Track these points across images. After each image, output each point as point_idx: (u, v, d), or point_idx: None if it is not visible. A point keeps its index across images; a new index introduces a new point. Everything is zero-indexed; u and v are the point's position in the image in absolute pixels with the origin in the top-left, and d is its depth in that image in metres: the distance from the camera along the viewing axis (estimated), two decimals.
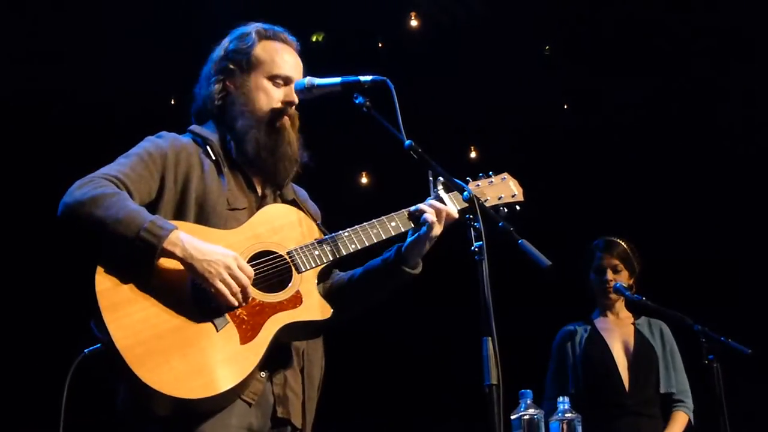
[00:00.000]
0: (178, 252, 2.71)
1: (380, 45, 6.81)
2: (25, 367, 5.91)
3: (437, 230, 3.04)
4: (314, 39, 6.63)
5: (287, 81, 3.10)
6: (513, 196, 3.27)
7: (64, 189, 2.80)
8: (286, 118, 3.07)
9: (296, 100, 3.09)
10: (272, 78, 3.09)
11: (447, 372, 6.67)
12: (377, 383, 7.06)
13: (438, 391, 6.91)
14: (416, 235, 3.05)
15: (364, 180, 7.53)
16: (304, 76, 3.14)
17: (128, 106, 6.07)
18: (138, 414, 2.73)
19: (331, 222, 3.14)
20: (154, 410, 2.66)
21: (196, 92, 3.22)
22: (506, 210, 3.24)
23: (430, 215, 3.02)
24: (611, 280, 5.09)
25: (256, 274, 2.84)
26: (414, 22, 6.74)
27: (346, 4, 6.25)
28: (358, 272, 3.17)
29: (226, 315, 2.76)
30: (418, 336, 7.00)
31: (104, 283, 2.69)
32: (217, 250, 2.75)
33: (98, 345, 2.72)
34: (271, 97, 3.07)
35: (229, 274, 2.73)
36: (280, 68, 3.09)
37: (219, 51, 3.18)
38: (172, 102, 6.51)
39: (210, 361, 2.69)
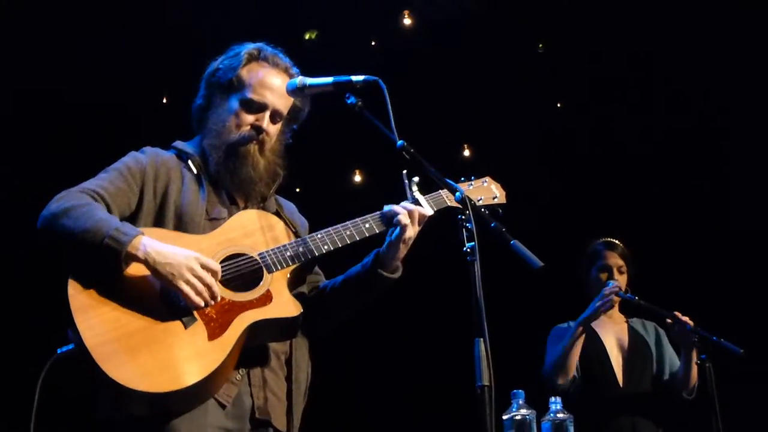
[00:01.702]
0: (140, 256, 2.78)
1: (373, 43, 6.80)
2: None
3: (410, 232, 3.05)
4: (307, 37, 6.63)
5: (261, 108, 3.12)
6: (494, 198, 3.33)
7: (53, 187, 2.90)
8: (252, 143, 3.10)
9: (265, 126, 3.11)
10: (246, 102, 3.12)
11: (438, 373, 6.67)
12: (367, 384, 7.06)
13: (429, 392, 6.90)
14: (390, 238, 3.07)
15: (357, 178, 7.53)
16: (298, 75, 3.16)
17: (120, 104, 6.05)
18: (116, 417, 2.78)
19: (324, 220, 3.14)
20: (130, 410, 2.73)
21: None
22: (487, 212, 3.24)
23: (402, 217, 3.04)
24: (618, 280, 5.07)
25: (227, 275, 2.90)
26: (407, 21, 6.74)
27: (340, 2, 6.24)
28: (339, 280, 3.20)
29: (195, 313, 2.81)
30: (409, 337, 6.99)
31: (76, 287, 2.78)
32: (178, 253, 2.81)
33: (71, 345, 2.78)
34: (240, 120, 3.11)
35: (193, 275, 2.78)
36: (257, 94, 3.12)
37: (212, 66, 3.23)
38: (164, 100, 6.50)
39: (177, 357, 2.74)
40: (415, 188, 3.07)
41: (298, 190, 3.47)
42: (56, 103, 6.12)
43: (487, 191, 3.32)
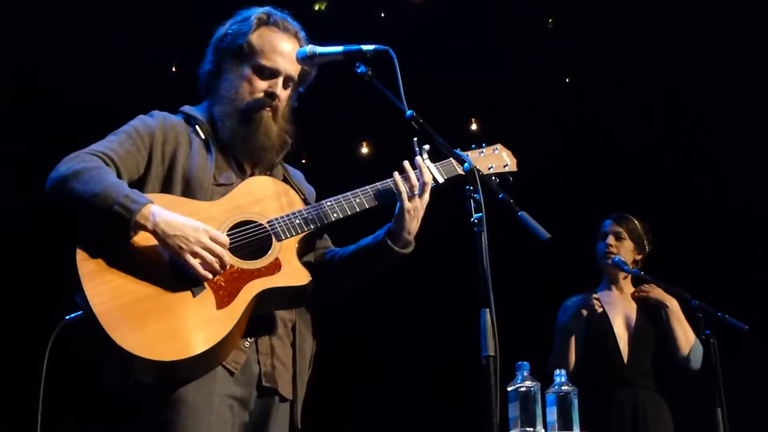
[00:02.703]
0: (149, 226, 2.77)
1: (382, 15, 6.77)
2: (4, 336, 5.88)
3: (411, 203, 3.02)
4: (317, 8, 6.60)
5: (274, 74, 3.10)
6: (505, 166, 3.27)
7: (59, 158, 2.88)
8: (265, 109, 3.08)
9: (279, 92, 3.10)
10: (259, 68, 3.09)
11: (444, 343, 6.69)
12: (372, 354, 7.08)
13: (434, 362, 6.93)
14: (396, 209, 3.05)
15: (364, 150, 7.51)
16: (306, 39, 3.17)
17: (128, 74, 6.03)
18: (124, 384, 2.79)
19: (330, 193, 3.14)
20: (138, 377, 2.74)
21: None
22: (497, 180, 3.23)
23: (399, 185, 3.02)
24: (611, 245, 5.13)
25: (236, 243, 2.89)
26: None
27: None
28: (348, 249, 3.17)
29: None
30: (415, 307, 7.00)
31: (85, 253, 2.78)
32: (187, 224, 2.79)
33: (79, 312, 2.79)
34: (253, 87, 3.08)
35: (202, 248, 2.78)
36: (269, 60, 3.09)
37: (221, 31, 3.20)
38: (173, 69, 6.48)
39: (185, 325, 2.74)
40: (425, 156, 3.06)
41: (304, 161, 3.46)
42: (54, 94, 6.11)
43: (498, 159, 3.28)
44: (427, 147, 3.05)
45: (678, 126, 6.90)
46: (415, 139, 3.00)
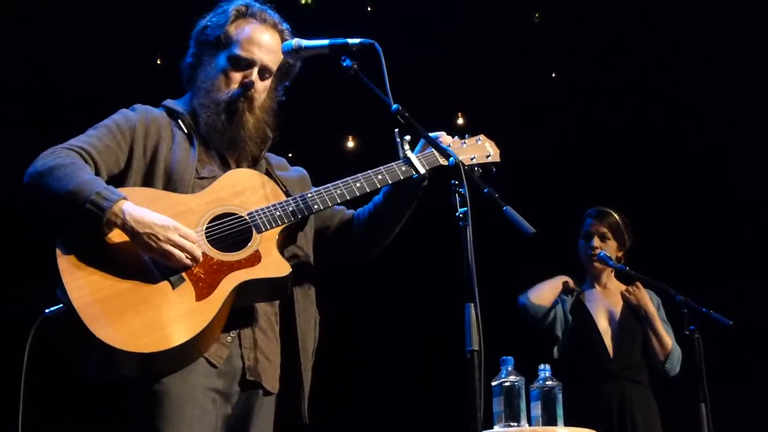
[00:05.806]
0: (119, 223, 2.77)
1: (369, 9, 6.77)
2: None
3: None
4: (303, 2, 6.59)
5: (250, 64, 3.10)
6: (487, 157, 3.27)
7: (41, 150, 2.88)
8: (241, 101, 3.07)
9: (254, 80, 3.09)
10: (234, 59, 3.09)
11: (428, 338, 6.70)
12: (356, 350, 7.07)
13: (419, 357, 6.93)
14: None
15: (350, 144, 7.50)
16: (287, 30, 3.17)
17: (111, 66, 6.00)
18: (106, 377, 2.80)
19: (317, 186, 3.13)
20: (119, 370, 2.75)
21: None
22: (480, 170, 3.24)
23: None
24: (597, 247, 5.14)
25: (216, 235, 2.90)
26: None
27: None
28: (369, 206, 3.27)
29: (183, 274, 2.82)
30: (399, 302, 7.00)
31: (65, 247, 2.78)
32: (157, 222, 2.79)
33: (59, 306, 2.78)
34: (229, 78, 3.08)
35: (171, 245, 2.78)
36: (244, 50, 3.09)
37: (201, 24, 3.20)
38: (158, 62, 6.45)
39: (164, 318, 2.75)
40: (407, 147, 3.07)
41: (290, 155, 3.47)
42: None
43: (480, 149, 3.28)
44: (408, 138, 3.05)
45: (666, 117, 6.90)
46: (397, 130, 3.00)
